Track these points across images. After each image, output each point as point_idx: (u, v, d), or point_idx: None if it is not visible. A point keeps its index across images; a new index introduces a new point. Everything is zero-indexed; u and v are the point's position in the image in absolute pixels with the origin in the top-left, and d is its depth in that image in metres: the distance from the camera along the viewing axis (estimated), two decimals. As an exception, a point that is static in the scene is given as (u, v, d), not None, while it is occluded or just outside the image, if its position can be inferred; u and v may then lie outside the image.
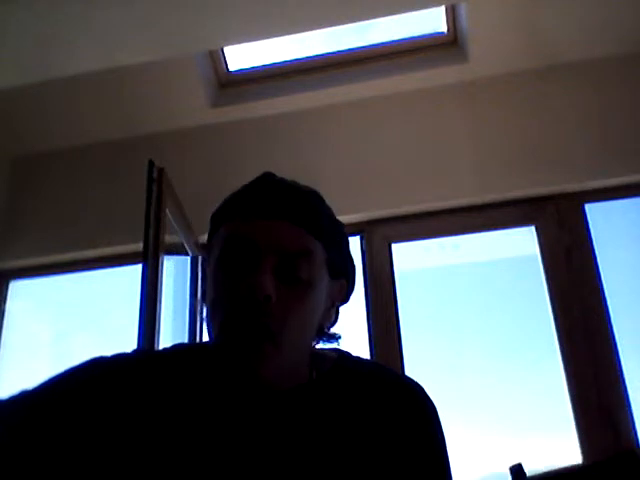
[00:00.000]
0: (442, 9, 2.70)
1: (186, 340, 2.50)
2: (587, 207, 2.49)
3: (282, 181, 0.88)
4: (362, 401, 0.83)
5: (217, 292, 0.81)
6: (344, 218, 3.07)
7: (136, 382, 0.82)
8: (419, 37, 2.82)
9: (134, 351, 0.90)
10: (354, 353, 0.92)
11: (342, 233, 0.92)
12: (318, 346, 0.89)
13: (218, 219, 0.87)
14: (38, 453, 0.76)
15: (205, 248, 0.91)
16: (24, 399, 0.81)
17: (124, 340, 2.41)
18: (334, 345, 0.90)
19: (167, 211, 2.26)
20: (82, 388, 0.81)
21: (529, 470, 1.34)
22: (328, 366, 0.87)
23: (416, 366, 2.35)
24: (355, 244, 2.62)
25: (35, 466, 0.75)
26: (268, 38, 2.38)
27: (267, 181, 0.87)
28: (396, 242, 2.59)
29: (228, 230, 0.83)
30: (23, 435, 0.77)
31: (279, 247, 0.79)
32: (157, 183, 2.22)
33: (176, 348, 0.92)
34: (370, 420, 0.81)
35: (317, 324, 0.85)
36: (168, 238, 2.25)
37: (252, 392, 0.80)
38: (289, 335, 0.78)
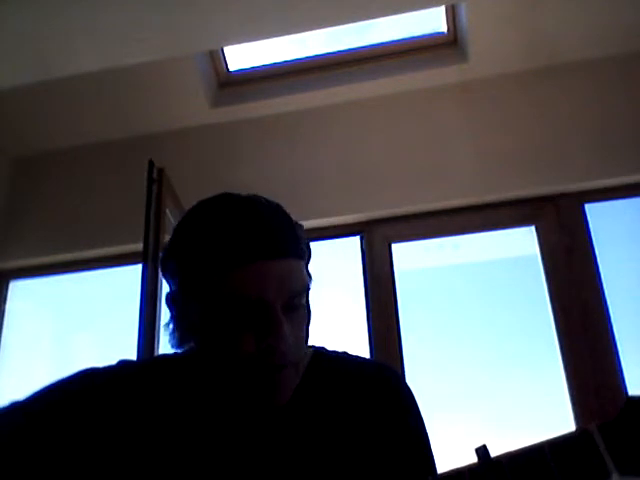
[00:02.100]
0: (442, 9, 2.70)
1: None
2: (587, 207, 2.49)
3: (254, 213, 0.77)
4: (341, 393, 0.84)
5: (232, 350, 0.76)
6: (344, 218, 3.07)
7: (126, 394, 0.82)
8: (419, 37, 2.82)
9: (121, 362, 0.89)
10: (328, 348, 0.93)
11: (306, 239, 0.87)
12: None
13: (205, 261, 0.76)
14: (28, 464, 0.75)
15: (184, 288, 0.81)
16: (14, 411, 0.81)
17: (124, 340, 2.41)
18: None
19: (167, 211, 2.26)
20: (73, 400, 0.80)
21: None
22: (305, 362, 0.87)
23: (416, 366, 2.35)
24: (355, 244, 2.63)
25: (25, 477, 0.75)
26: (268, 38, 2.38)
27: (246, 213, 0.76)
28: (396, 242, 2.59)
29: (222, 282, 0.74)
30: (12, 447, 0.76)
31: (284, 291, 0.76)
32: (157, 183, 2.23)
33: (162, 358, 0.91)
34: (350, 411, 0.83)
35: None
36: (168, 238, 2.25)
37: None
38: (301, 355, 0.80)
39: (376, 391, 0.85)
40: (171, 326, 0.84)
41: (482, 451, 0.55)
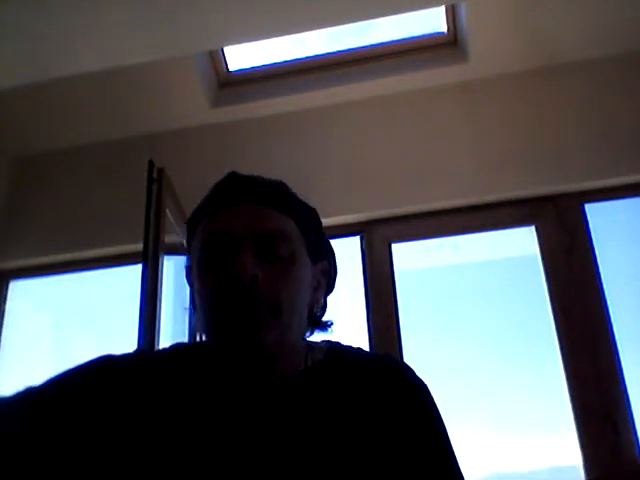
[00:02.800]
0: (442, 9, 2.70)
1: (186, 340, 2.50)
2: (587, 207, 2.48)
3: (247, 175, 0.90)
4: (358, 385, 0.85)
5: (205, 291, 0.82)
6: (344, 218, 3.06)
7: (140, 379, 0.83)
8: (419, 37, 2.82)
9: (138, 350, 0.92)
10: (344, 343, 0.94)
11: (315, 215, 0.93)
12: (311, 338, 0.91)
13: (192, 223, 0.88)
14: (44, 448, 0.76)
15: (188, 252, 0.92)
16: (30, 395, 0.81)
17: (124, 340, 2.41)
18: (327, 335, 0.92)
19: (167, 211, 2.26)
20: (89, 384, 0.81)
21: (529, 470, 1.34)
22: (321, 355, 0.89)
23: (416, 366, 2.35)
24: (355, 244, 2.62)
25: (42, 460, 0.76)
26: (268, 38, 2.38)
27: (231, 176, 0.89)
28: (396, 242, 2.59)
29: (203, 229, 0.85)
30: (29, 430, 0.77)
31: (255, 230, 0.81)
32: (157, 183, 2.23)
33: (176, 346, 0.93)
34: (367, 402, 0.83)
35: (307, 304, 0.87)
36: (168, 238, 2.25)
37: (253, 380, 0.81)
38: (282, 305, 0.80)
39: (395, 380, 0.86)
40: (189, 303, 0.89)
41: None
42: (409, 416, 0.83)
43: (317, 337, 0.93)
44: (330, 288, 0.95)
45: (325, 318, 0.93)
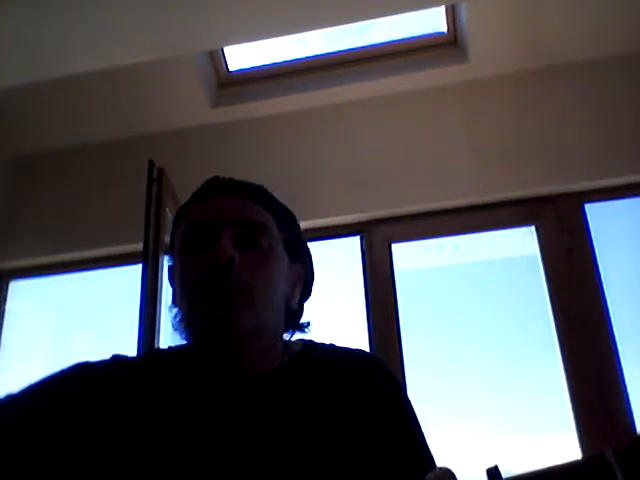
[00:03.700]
0: (442, 9, 2.70)
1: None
2: (587, 207, 2.48)
3: (223, 176, 0.94)
4: (334, 379, 0.86)
5: (183, 272, 0.85)
6: (344, 218, 3.06)
7: (119, 385, 0.83)
8: (419, 37, 2.81)
9: (113, 356, 0.90)
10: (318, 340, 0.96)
11: (293, 217, 0.95)
12: (287, 338, 0.93)
13: (176, 220, 0.93)
14: (24, 455, 0.75)
15: (170, 250, 0.95)
16: (9, 403, 0.81)
17: (124, 340, 2.41)
18: (305, 335, 0.94)
19: (167, 211, 2.26)
20: (67, 391, 0.81)
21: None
22: (297, 352, 0.90)
23: (416, 366, 2.35)
24: (355, 244, 2.62)
25: (21, 468, 0.75)
26: (268, 38, 2.38)
27: (214, 177, 0.94)
28: (396, 242, 2.59)
29: (186, 220, 0.88)
30: (8, 437, 0.77)
31: (235, 218, 0.84)
32: (157, 183, 2.23)
33: (151, 352, 0.94)
34: (343, 395, 0.84)
35: (283, 298, 0.88)
36: (168, 238, 2.25)
37: (229, 376, 0.82)
38: (257, 292, 0.82)
39: (366, 374, 0.88)
40: (170, 302, 0.90)
41: (493, 472, 0.55)
42: (384, 409, 0.85)
43: (295, 338, 0.95)
44: (307, 293, 0.96)
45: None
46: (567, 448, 2.19)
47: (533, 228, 2.50)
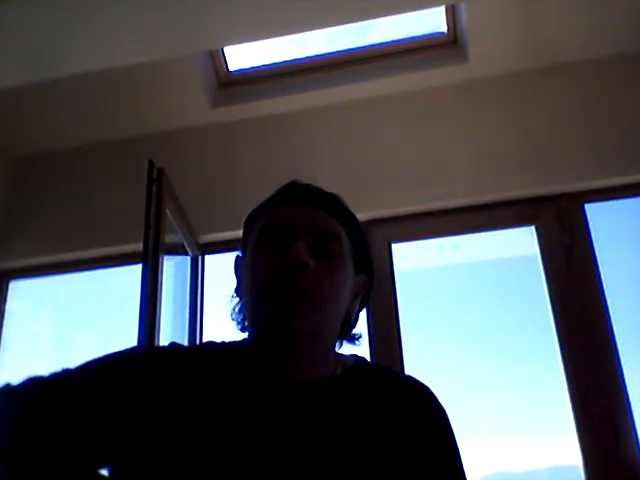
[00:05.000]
0: (442, 9, 2.70)
1: (185, 340, 2.50)
2: (587, 207, 2.48)
3: (308, 183, 0.98)
4: (381, 398, 0.87)
5: (256, 268, 0.86)
6: (344, 218, 2.98)
7: (173, 372, 0.84)
8: (419, 37, 2.82)
9: (172, 344, 0.94)
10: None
11: (363, 231, 0.98)
12: (340, 350, 0.95)
13: (251, 218, 0.94)
14: (79, 429, 0.79)
15: (242, 245, 0.96)
16: (68, 376, 0.84)
17: (124, 340, 2.41)
18: (355, 348, 0.96)
19: (167, 211, 2.26)
20: (129, 370, 0.84)
21: (529, 470, 1.35)
22: (349, 366, 0.91)
23: (416, 366, 2.35)
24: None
25: (76, 441, 0.78)
26: (268, 38, 2.38)
27: (294, 182, 0.97)
28: (396, 242, 2.59)
29: (263, 220, 0.90)
30: (63, 410, 0.79)
31: (312, 227, 0.86)
32: (157, 183, 2.22)
33: (210, 344, 0.95)
34: (389, 416, 0.85)
35: (345, 308, 0.90)
36: (168, 238, 2.25)
37: (281, 379, 0.84)
38: (324, 301, 0.83)
39: (413, 398, 0.89)
40: (234, 295, 0.93)
41: None
42: (428, 438, 0.86)
43: (344, 350, 0.96)
44: (365, 304, 0.98)
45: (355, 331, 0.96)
46: (567, 448, 2.19)
47: (533, 228, 2.50)
